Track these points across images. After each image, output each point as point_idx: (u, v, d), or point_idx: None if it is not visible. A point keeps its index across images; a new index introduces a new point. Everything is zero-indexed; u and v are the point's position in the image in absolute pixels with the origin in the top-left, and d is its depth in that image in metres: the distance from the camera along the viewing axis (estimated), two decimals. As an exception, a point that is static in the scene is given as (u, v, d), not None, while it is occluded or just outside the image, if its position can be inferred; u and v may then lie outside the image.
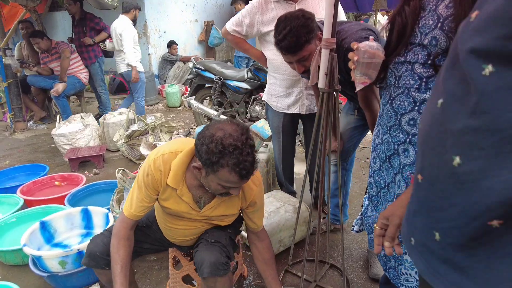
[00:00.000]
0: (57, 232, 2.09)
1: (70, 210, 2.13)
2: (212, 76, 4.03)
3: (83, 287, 1.87)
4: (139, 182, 1.30)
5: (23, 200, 2.54)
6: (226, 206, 1.41)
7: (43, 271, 1.81)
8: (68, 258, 1.76)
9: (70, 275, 1.81)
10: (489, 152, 0.46)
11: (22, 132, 4.84)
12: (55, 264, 1.76)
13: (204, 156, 1.13)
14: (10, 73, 4.66)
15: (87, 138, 3.73)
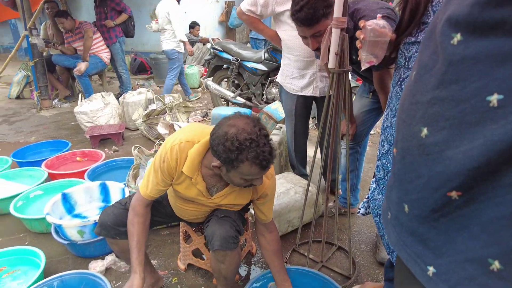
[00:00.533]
0: (77, 203, 2.21)
1: (89, 183, 2.24)
2: (229, 57, 4.03)
3: (99, 256, 1.98)
4: (156, 166, 1.33)
5: (47, 173, 2.68)
6: (236, 196, 1.44)
7: (64, 239, 1.93)
8: (86, 228, 1.86)
9: (87, 244, 1.91)
10: (453, 122, 0.46)
11: (47, 109, 5.03)
12: (74, 233, 1.87)
13: (222, 155, 1.15)
14: (36, 52, 4.82)
15: (107, 116, 3.84)
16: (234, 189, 1.41)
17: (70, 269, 1.93)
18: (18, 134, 4.10)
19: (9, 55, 7.13)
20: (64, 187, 2.54)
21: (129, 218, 1.38)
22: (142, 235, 1.37)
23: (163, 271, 1.88)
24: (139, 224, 1.37)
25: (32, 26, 4.78)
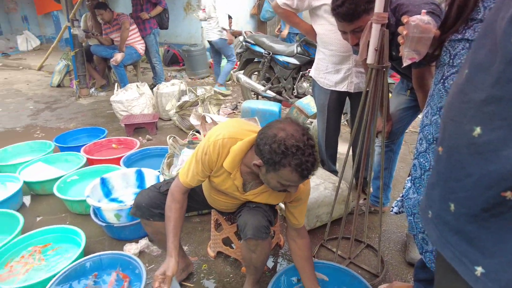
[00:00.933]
0: (114, 188, 2.32)
1: (126, 170, 2.34)
2: (261, 51, 4.04)
3: (133, 239, 2.08)
4: (197, 157, 1.36)
5: (86, 158, 2.82)
6: (269, 196, 1.47)
7: (101, 221, 2.03)
8: (123, 212, 1.96)
9: (123, 227, 2.01)
10: (511, 122, 0.45)
11: (85, 98, 5.26)
12: (112, 216, 1.97)
13: (266, 155, 1.18)
14: (77, 42, 5.04)
15: (142, 106, 3.97)
16: (267, 189, 1.43)
17: (106, 249, 2.04)
18: (59, 120, 4.32)
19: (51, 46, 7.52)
20: (101, 172, 2.66)
21: (167, 204, 1.44)
22: (178, 220, 1.42)
23: (194, 257, 1.95)
24: (176, 210, 1.42)
25: (73, 18, 4.99)
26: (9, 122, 4.33)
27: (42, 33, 10.56)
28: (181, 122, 3.80)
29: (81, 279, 1.72)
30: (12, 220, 2.09)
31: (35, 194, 2.65)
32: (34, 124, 4.22)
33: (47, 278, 1.62)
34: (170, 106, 3.94)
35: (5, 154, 3.07)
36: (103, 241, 2.12)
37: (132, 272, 1.74)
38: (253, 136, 1.31)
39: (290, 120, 1.24)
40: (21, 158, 3.08)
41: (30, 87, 6.09)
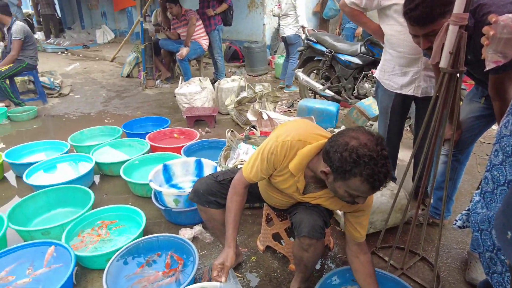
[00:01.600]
0: (175, 175, 2.46)
1: (187, 158, 2.47)
2: (322, 49, 3.99)
3: (188, 224, 2.19)
4: (263, 155, 1.36)
5: (150, 145, 3.03)
6: (327, 201, 1.45)
7: (161, 205, 2.17)
8: (181, 198, 2.08)
9: (180, 212, 2.13)
10: None
11: (151, 89, 5.61)
12: (171, 201, 2.10)
13: (336, 163, 1.16)
14: (147, 36, 5.40)
15: (203, 99, 4.14)
16: (327, 195, 1.41)
17: (163, 231, 2.18)
18: (127, 108, 4.67)
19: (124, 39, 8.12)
20: (163, 159, 2.84)
21: (229, 196, 1.49)
22: (238, 212, 1.46)
23: (244, 249, 2.00)
24: (237, 203, 1.46)
25: (145, 13, 5.34)
26: (85, 107, 4.78)
27: (117, 27, 11.45)
28: (238, 117, 3.90)
29: (140, 255, 1.86)
30: (85, 195, 2.32)
31: (103, 174, 2.91)
32: (105, 111, 4.61)
33: (112, 251, 1.78)
34: (229, 101, 4.06)
35: (81, 136, 3.41)
36: (160, 223, 2.27)
37: (185, 256, 1.84)
38: (322, 141, 1.30)
39: (363, 129, 1.19)
40: (94, 140, 3.40)
41: (104, 76, 6.66)
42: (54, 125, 4.18)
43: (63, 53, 9.66)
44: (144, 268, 1.80)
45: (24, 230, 1.96)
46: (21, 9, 10.57)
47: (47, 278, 1.72)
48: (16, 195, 2.67)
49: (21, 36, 4.30)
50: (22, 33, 4.31)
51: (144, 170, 2.80)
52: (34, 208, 2.28)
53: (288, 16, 4.98)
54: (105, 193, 2.64)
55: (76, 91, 5.58)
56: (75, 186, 2.36)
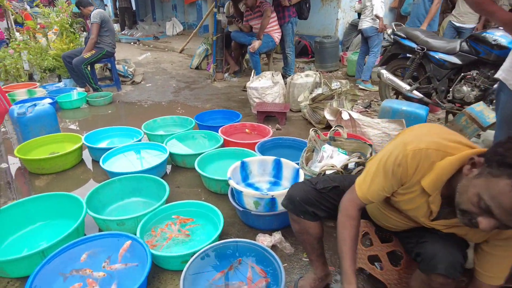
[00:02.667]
0: (251, 173, 2.28)
1: (265, 157, 2.27)
2: (412, 45, 3.55)
3: (265, 230, 1.99)
4: (386, 167, 1.10)
5: (223, 139, 2.88)
6: (465, 231, 1.13)
7: (238, 205, 1.99)
8: (262, 201, 1.87)
9: (259, 216, 1.93)
10: None
11: (219, 82, 5.55)
12: (251, 203, 1.90)
13: (499, 149, 0.88)
14: (219, 28, 5.32)
15: (274, 94, 3.94)
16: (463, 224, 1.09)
17: (237, 233, 2.00)
18: (197, 100, 4.63)
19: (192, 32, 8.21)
20: (236, 155, 2.68)
21: (341, 220, 1.24)
22: (355, 240, 1.21)
23: (330, 267, 1.75)
24: (352, 228, 1.20)
25: (219, 3, 5.26)
26: (156, 96, 4.84)
27: (186, 20, 11.73)
28: (312, 115, 3.63)
29: (219, 260, 1.69)
30: (159, 187, 2.22)
31: (175, 165, 2.83)
32: (176, 101, 4.61)
33: (189, 253, 1.63)
34: (303, 97, 3.81)
35: (154, 124, 3.39)
36: (234, 224, 2.10)
37: (269, 268, 1.63)
38: (466, 152, 1.01)
39: None
40: (166, 130, 3.36)
41: (173, 67, 6.77)
42: (127, 111, 4.26)
43: (135, 43, 10.10)
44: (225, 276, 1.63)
45: (101, 218, 1.89)
46: (103, 1, 11.27)
47: (121, 275, 1.62)
48: (92, 179, 2.68)
49: (98, 20, 4.47)
50: (98, 17, 4.49)
51: (218, 164, 2.67)
52: (109, 195, 2.23)
53: (365, 9, 4.76)
54: (177, 185, 2.54)
55: (148, 80, 5.70)
56: (150, 176, 2.28)
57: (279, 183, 2.26)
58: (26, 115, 2.97)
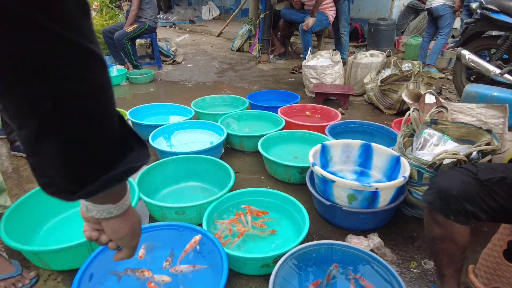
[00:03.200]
0: (332, 160, 1.87)
1: (350, 141, 1.85)
2: (509, 20, 2.99)
3: (353, 229, 1.59)
4: None
5: (284, 120, 2.49)
6: None
7: (323, 197, 1.60)
8: (360, 194, 1.46)
9: (351, 213, 1.53)
10: None
11: (264, 63, 5.14)
12: (343, 196, 1.50)
13: None
14: (268, 5, 4.90)
15: (334, 75, 3.49)
16: None
17: (317, 232, 1.61)
18: (243, 81, 4.25)
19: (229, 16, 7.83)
20: (303, 139, 2.30)
21: None
22: None
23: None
24: None
25: (269, -21, 4.84)
26: (200, 76, 4.50)
27: (222, 4, 11.35)
28: (381, 99, 3.16)
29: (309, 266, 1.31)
30: (219, 170, 1.87)
31: (230, 147, 2.47)
32: (221, 82, 4.25)
33: (271, 255, 1.25)
34: (369, 79, 3.34)
35: (203, 103, 3.04)
36: (313, 220, 1.70)
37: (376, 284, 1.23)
38: None
39: None
40: (215, 109, 3.01)
41: (213, 49, 6.42)
42: (170, 90, 3.94)
43: (171, 27, 9.84)
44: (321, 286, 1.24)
45: (156, 205, 1.54)
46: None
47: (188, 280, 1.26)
48: (138, 160, 2.36)
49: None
50: None
51: (281, 149, 2.28)
52: (161, 177, 1.90)
53: None
54: (236, 170, 2.17)
55: (189, 60, 5.39)
56: (210, 158, 1.92)
57: (367, 174, 1.84)
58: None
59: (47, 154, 0.38)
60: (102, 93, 0.39)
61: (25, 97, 0.34)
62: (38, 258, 1.33)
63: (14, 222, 1.41)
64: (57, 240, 1.53)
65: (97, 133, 0.40)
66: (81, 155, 0.39)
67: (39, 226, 1.58)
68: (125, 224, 0.53)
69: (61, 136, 0.37)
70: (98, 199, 0.48)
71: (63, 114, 0.36)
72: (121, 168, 0.43)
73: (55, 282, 1.36)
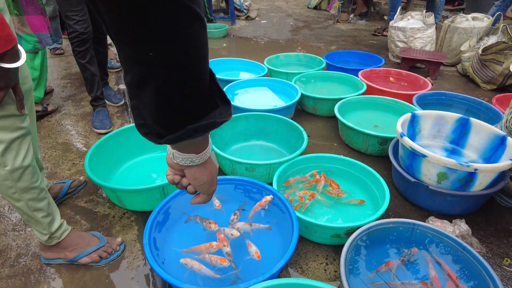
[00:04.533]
0: (420, 133, 1.67)
1: (444, 113, 1.62)
2: None
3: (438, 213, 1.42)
4: None
5: (366, 85, 2.28)
6: None
7: (407, 173, 1.44)
8: (454, 174, 1.28)
9: (438, 193, 1.35)
10: None
11: (343, 23, 4.78)
12: (433, 172, 1.33)
13: None
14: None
15: (425, 40, 3.09)
16: None
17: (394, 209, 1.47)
18: (319, 40, 4.00)
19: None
20: (386, 107, 2.10)
21: None
22: None
23: None
24: None
25: None
26: (273, 33, 4.33)
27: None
28: (479, 70, 2.74)
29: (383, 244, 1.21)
30: (290, 131, 1.79)
31: (301, 109, 2.35)
32: (295, 40, 4.05)
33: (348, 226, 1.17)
34: (467, 46, 2.90)
35: (276, 61, 2.92)
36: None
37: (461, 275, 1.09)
38: None
39: None
40: (288, 68, 2.87)
41: (288, 5, 6.12)
42: (243, 46, 3.85)
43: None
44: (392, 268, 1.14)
45: (228, 158, 1.52)
46: None
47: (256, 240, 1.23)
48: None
49: None
50: None
51: (359, 115, 2.11)
52: (232, 133, 1.87)
53: None
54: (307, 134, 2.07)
55: (262, 17, 5.21)
56: (283, 118, 1.83)
57: (459, 152, 1.62)
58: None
59: (145, 98, 0.43)
60: (200, 50, 0.42)
61: (134, 47, 0.39)
62: (115, 196, 1.40)
63: (94, 161, 1.49)
64: (132, 182, 1.61)
65: (190, 86, 0.44)
66: (173, 103, 0.44)
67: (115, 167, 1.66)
68: (204, 172, 0.59)
69: (159, 84, 0.41)
70: (183, 148, 0.55)
71: (164, 65, 0.40)
72: (205, 121, 0.46)
73: (129, 220, 1.43)
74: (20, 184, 1.00)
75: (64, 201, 1.53)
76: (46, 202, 1.10)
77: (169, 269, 1.12)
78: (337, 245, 1.29)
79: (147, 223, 1.15)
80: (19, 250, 1.29)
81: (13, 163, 0.96)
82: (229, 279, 1.09)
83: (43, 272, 1.20)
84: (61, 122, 2.22)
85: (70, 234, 1.22)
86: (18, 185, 1.00)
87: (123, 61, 0.42)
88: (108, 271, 1.21)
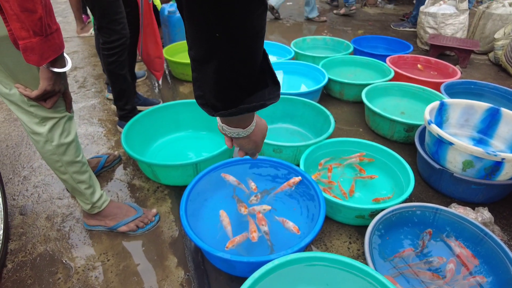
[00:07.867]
0: (447, 121, 1.68)
1: (474, 102, 1.62)
2: None
3: (460, 200, 1.45)
4: None
5: (394, 71, 2.27)
6: None
7: (432, 159, 1.46)
8: (480, 162, 1.30)
9: (462, 181, 1.38)
10: None
11: (370, 7, 4.67)
12: (458, 160, 1.35)
13: None
14: None
15: (457, 26, 3.01)
16: None
17: (417, 195, 1.50)
18: (345, 24, 3.95)
19: None
20: (413, 94, 2.10)
21: None
22: None
23: None
24: None
25: None
26: (299, 16, 4.29)
27: None
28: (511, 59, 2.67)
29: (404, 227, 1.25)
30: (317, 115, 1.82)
31: (327, 93, 2.37)
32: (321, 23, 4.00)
33: (371, 207, 1.21)
34: (501, 34, 2.81)
35: (303, 44, 2.92)
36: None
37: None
38: None
39: None
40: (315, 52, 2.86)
41: (315, -13, 5.99)
42: (268, 28, 3.85)
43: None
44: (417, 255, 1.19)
45: (255, 139, 1.58)
46: None
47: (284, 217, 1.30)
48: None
49: None
50: None
51: (386, 101, 2.12)
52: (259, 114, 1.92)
53: None
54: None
55: (288, -2, 5.15)
56: (309, 102, 1.87)
57: (487, 142, 1.62)
58: (176, 14, 2.78)
59: (206, 73, 0.47)
60: (260, 31, 0.46)
61: (203, 27, 0.42)
62: (151, 170, 1.48)
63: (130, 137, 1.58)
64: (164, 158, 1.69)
65: (247, 66, 0.48)
66: (229, 79, 0.48)
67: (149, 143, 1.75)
68: (249, 142, 0.69)
69: (220, 61, 0.45)
70: (231, 123, 0.62)
71: (228, 45, 0.44)
72: (254, 100, 0.51)
73: (162, 194, 1.52)
74: (65, 158, 1.09)
75: (101, 174, 1.64)
76: (88, 175, 1.19)
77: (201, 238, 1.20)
78: (360, 225, 1.34)
79: (183, 196, 1.23)
80: (64, 216, 1.41)
81: (59, 139, 1.05)
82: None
83: (87, 237, 1.32)
84: (94, 101, 2.32)
85: (109, 205, 1.32)
86: (63, 159, 1.09)
87: (189, 36, 0.45)
88: (145, 239, 1.31)
